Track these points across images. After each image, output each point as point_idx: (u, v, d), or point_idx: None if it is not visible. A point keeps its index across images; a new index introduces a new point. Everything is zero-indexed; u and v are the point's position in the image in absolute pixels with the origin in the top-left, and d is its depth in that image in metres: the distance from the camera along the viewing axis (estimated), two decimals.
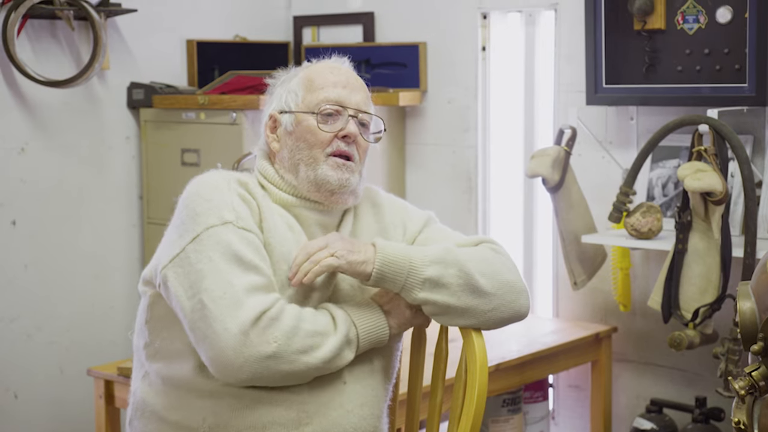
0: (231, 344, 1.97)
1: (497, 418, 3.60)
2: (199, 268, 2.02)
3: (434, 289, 2.08)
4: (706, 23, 3.33)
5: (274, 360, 1.99)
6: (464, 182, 4.00)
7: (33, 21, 3.65)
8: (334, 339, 2.05)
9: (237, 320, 1.97)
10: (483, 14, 3.93)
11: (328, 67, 2.23)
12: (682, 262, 3.18)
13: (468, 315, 2.12)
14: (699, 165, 3.09)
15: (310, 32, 4.38)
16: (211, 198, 2.08)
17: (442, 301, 2.09)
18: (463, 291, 2.09)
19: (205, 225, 2.05)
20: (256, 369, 1.98)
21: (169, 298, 2.06)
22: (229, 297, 1.99)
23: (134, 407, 2.18)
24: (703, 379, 3.55)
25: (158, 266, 2.08)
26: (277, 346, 1.99)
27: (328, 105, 2.17)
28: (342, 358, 2.07)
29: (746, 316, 1.55)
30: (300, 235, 2.15)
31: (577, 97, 3.65)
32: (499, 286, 2.13)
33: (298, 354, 2.01)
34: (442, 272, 2.08)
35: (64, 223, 3.79)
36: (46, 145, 3.72)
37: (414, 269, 2.08)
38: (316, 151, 2.16)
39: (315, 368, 2.04)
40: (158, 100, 3.86)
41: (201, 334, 1.99)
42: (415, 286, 2.08)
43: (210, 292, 1.99)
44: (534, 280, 4.01)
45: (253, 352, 1.97)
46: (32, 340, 3.72)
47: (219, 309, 1.98)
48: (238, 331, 1.97)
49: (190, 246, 2.04)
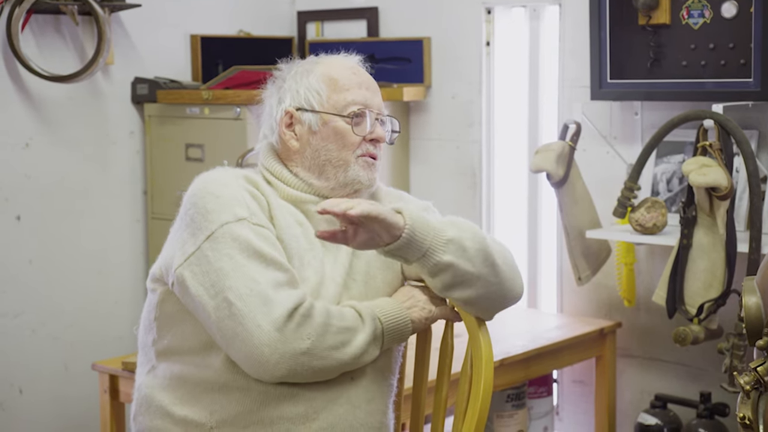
0: (266, 341, 1.97)
1: (501, 413, 3.60)
2: (220, 266, 2.01)
3: (458, 252, 2.04)
4: (711, 18, 3.32)
5: (308, 356, 1.99)
6: (468, 177, 4.00)
7: (37, 16, 3.65)
8: (363, 335, 2.06)
9: (269, 317, 1.97)
10: (487, 9, 3.93)
11: (348, 67, 2.22)
12: (686, 258, 3.18)
13: (479, 284, 2.08)
14: (704, 160, 3.08)
15: (314, 27, 4.37)
16: (221, 195, 2.07)
17: (463, 267, 2.05)
18: (478, 256, 2.06)
19: (219, 222, 2.04)
20: (291, 365, 1.98)
21: (186, 297, 2.05)
22: (256, 294, 1.98)
23: (139, 402, 2.18)
24: (707, 374, 3.54)
25: (171, 265, 2.06)
26: (311, 342, 1.99)
27: (358, 108, 2.17)
28: (369, 354, 2.08)
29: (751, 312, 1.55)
30: (309, 230, 2.15)
31: (582, 92, 3.65)
32: (504, 261, 2.13)
33: (330, 350, 2.01)
34: (460, 234, 2.06)
35: (69, 218, 3.79)
36: (50, 140, 3.72)
37: (436, 230, 2.04)
38: (346, 152, 2.17)
39: (345, 364, 2.04)
40: (162, 95, 3.86)
41: (230, 332, 1.98)
42: (439, 247, 2.03)
43: (235, 290, 1.99)
44: (538, 276, 4.01)
45: (288, 348, 1.97)
46: (36, 336, 3.73)
47: (248, 306, 1.98)
48: (273, 327, 1.97)
49: (205, 244, 2.03)
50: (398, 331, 2.12)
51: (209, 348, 2.08)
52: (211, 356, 2.08)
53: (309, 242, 2.14)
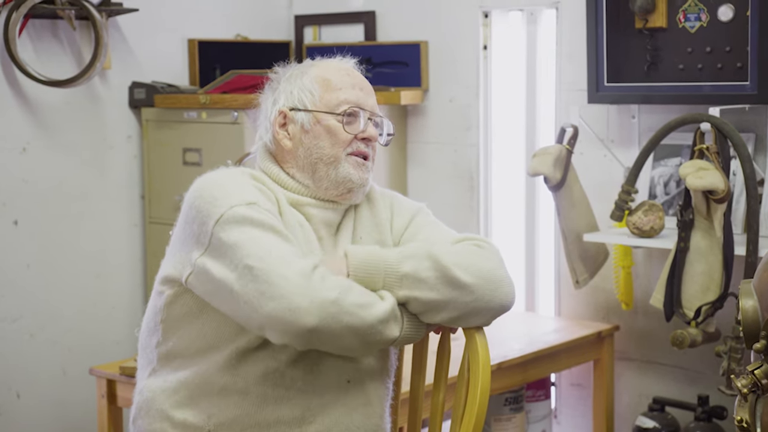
0: (294, 289, 1.94)
1: (499, 416, 3.60)
2: (233, 241, 1.99)
3: (413, 285, 2.05)
4: (707, 21, 3.33)
5: (337, 307, 1.95)
6: (466, 181, 4.00)
7: (34, 21, 3.65)
8: (386, 303, 2.03)
9: (293, 268, 1.96)
10: (484, 13, 3.93)
11: (342, 69, 2.24)
12: (684, 261, 3.18)
13: (451, 307, 2.08)
14: (701, 163, 3.09)
15: (312, 31, 4.38)
16: (225, 184, 2.07)
17: (424, 297, 2.06)
18: (441, 283, 2.06)
19: (228, 205, 2.02)
20: (322, 314, 1.94)
21: (209, 284, 2.02)
22: (275, 256, 1.97)
23: (139, 405, 2.18)
24: (705, 377, 3.54)
25: (188, 260, 2.04)
26: (338, 293, 1.96)
27: (350, 106, 2.18)
28: (390, 329, 2.03)
29: (749, 315, 1.55)
30: (309, 232, 2.16)
31: (579, 96, 3.65)
32: (478, 275, 2.10)
33: (357, 307, 1.98)
34: (417, 266, 2.06)
35: (66, 222, 3.79)
36: (47, 145, 3.72)
37: (390, 267, 2.06)
38: (337, 150, 2.17)
39: (370, 326, 1.99)
40: (160, 99, 3.86)
41: (256, 293, 1.95)
42: (394, 284, 2.06)
43: (254, 256, 1.97)
44: (536, 279, 4.01)
45: (317, 294, 1.94)
46: (34, 340, 3.73)
47: (270, 265, 1.96)
48: (299, 276, 1.95)
49: (216, 227, 2.01)
50: (413, 329, 2.09)
51: (212, 350, 2.08)
52: (212, 358, 2.08)
53: (309, 243, 2.15)
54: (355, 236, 2.23)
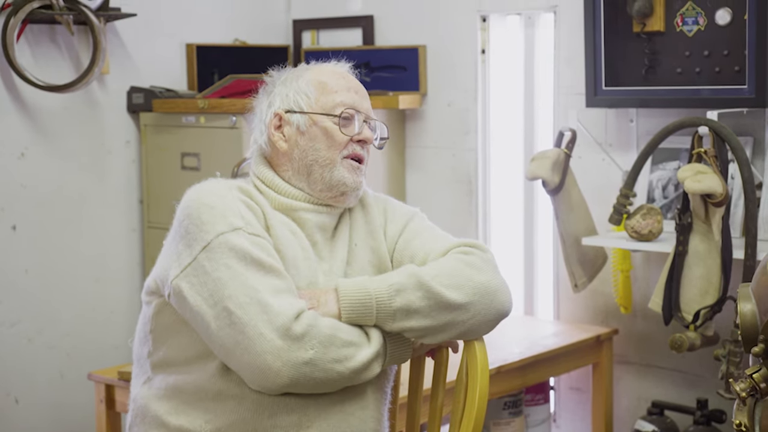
0: (268, 349, 1.96)
1: (498, 420, 3.60)
2: (217, 276, 2.01)
3: (407, 317, 2.07)
4: (705, 25, 3.33)
5: (310, 367, 1.99)
6: (464, 185, 4.00)
7: (32, 26, 3.65)
8: (368, 350, 2.05)
9: (271, 325, 1.97)
10: (482, 17, 3.93)
11: (337, 72, 2.25)
12: (682, 264, 3.18)
13: (449, 329, 2.11)
14: (699, 167, 3.09)
15: (310, 36, 4.38)
16: (215, 205, 2.07)
17: (419, 326, 2.08)
18: (435, 310, 2.08)
19: (215, 232, 2.03)
20: (294, 374, 1.98)
21: (184, 308, 2.05)
22: (255, 302, 1.98)
23: (135, 413, 2.18)
24: (704, 381, 3.54)
25: (167, 277, 2.06)
26: (314, 353, 1.99)
27: (346, 109, 2.18)
28: (371, 371, 2.07)
29: (747, 318, 1.55)
30: (302, 239, 2.16)
31: (577, 100, 3.65)
32: (472, 292, 2.11)
33: (333, 363, 2.01)
34: (408, 298, 2.07)
35: (65, 227, 3.79)
36: (46, 150, 3.72)
37: (381, 303, 2.07)
38: (332, 152, 2.18)
39: (346, 378, 2.04)
40: (158, 104, 3.86)
41: (231, 341, 1.98)
42: (387, 319, 2.07)
43: (234, 299, 1.99)
44: (535, 283, 4.01)
45: (291, 356, 1.97)
46: (33, 345, 3.72)
47: (248, 315, 1.97)
48: (276, 335, 1.96)
49: (201, 255, 2.03)
50: (400, 350, 2.12)
51: (204, 357, 2.08)
52: (206, 365, 2.08)
53: (303, 250, 2.15)
54: (350, 242, 2.24)
